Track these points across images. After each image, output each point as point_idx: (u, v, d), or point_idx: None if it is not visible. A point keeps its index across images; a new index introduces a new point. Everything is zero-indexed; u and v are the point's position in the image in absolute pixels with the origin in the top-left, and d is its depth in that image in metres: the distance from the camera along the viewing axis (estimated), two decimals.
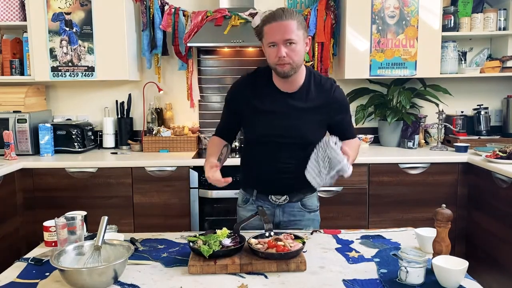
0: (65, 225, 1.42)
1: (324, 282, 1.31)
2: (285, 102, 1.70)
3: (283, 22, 1.57)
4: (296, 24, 1.58)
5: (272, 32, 1.59)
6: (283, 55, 1.57)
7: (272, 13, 1.60)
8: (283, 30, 1.57)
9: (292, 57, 1.59)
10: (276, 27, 1.58)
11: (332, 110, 1.73)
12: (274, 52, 1.60)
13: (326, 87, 1.73)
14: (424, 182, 2.91)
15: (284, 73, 1.63)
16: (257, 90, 1.73)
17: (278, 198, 1.81)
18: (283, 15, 1.57)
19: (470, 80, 3.48)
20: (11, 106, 3.11)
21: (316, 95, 1.72)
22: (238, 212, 1.93)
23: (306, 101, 1.70)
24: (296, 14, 1.60)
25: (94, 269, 1.25)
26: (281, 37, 1.57)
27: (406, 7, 3.07)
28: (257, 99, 1.72)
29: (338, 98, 1.75)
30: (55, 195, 2.86)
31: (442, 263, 1.27)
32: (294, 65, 1.62)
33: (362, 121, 3.35)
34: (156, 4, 3.22)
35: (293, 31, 1.57)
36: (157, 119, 3.37)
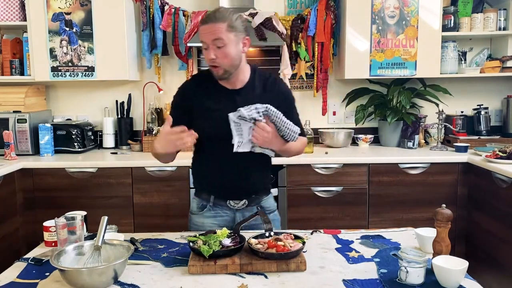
0: (65, 225, 1.42)
1: (324, 282, 1.31)
2: (232, 99, 1.69)
3: (212, 24, 1.57)
4: (226, 26, 1.58)
5: (202, 33, 1.61)
6: (211, 57, 1.60)
7: (206, 15, 1.62)
8: (211, 31, 1.58)
9: (222, 60, 1.60)
10: (205, 28, 1.59)
11: (277, 103, 1.66)
12: (205, 54, 1.62)
13: (270, 81, 1.75)
14: (424, 182, 2.91)
15: (218, 76, 1.65)
16: (204, 89, 1.73)
17: (236, 203, 1.78)
18: (213, 18, 1.58)
19: (470, 80, 3.48)
20: (11, 106, 3.11)
21: (261, 90, 1.73)
22: (192, 219, 1.86)
23: (253, 97, 1.69)
24: (229, 16, 1.60)
25: (94, 269, 1.25)
26: (209, 39, 1.59)
27: (406, 7, 3.08)
28: (205, 98, 1.72)
29: (282, 90, 1.77)
30: (55, 195, 2.86)
31: (442, 263, 1.27)
32: (226, 67, 1.62)
33: (362, 121, 3.35)
34: (156, 4, 3.22)
35: (222, 33, 1.57)
36: (157, 119, 3.37)
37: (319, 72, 3.34)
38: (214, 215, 1.81)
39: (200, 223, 1.82)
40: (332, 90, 3.49)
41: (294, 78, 3.41)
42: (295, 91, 3.48)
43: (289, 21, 3.27)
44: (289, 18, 3.27)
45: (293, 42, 3.27)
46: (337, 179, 2.91)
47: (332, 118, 3.53)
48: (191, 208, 1.88)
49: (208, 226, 1.78)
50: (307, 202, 2.91)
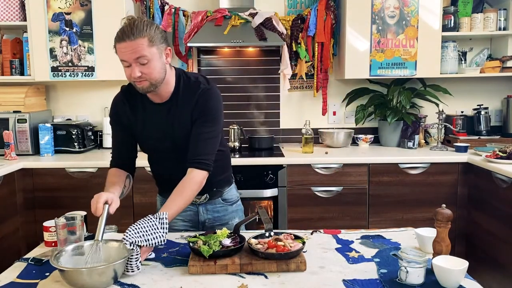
0: (65, 225, 1.42)
1: (324, 282, 1.30)
2: (158, 112, 1.66)
3: (132, 42, 1.46)
4: (147, 41, 1.48)
5: (121, 52, 1.50)
6: (136, 75, 1.50)
7: (122, 30, 1.49)
8: (131, 50, 1.47)
9: (149, 75, 1.52)
10: (124, 47, 1.48)
11: (192, 111, 1.63)
12: (128, 71, 1.52)
13: (193, 88, 1.65)
14: (424, 182, 2.91)
15: (143, 90, 1.57)
16: (131, 104, 1.69)
17: (198, 198, 1.79)
18: (130, 34, 1.46)
19: (470, 80, 3.48)
20: (11, 106, 3.11)
21: (184, 99, 1.65)
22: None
23: (177, 107, 1.64)
24: (147, 29, 1.49)
25: (94, 269, 1.25)
26: (131, 57, 1.49)
27: (406, 7, 3.08)
28: (133, 114, 1.69)
29: (200, 99, 1.62)
30: (55, 195, 2.86)
31: (442, 263, 1.27)
32: (153, 81, 1.54)
33: (362, 121, 3.35)
34: (156, 4, 3.22)
35: (143, 50, 1.48)
36: None
37: (319, 72, 3.34)
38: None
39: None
40: (332, 90, 3.49)
41: (294, 78, 3.41)
42: (295, 91, 3.49)
43: (289, 21, 3.27)
44: (289, 18, 3.27)
45: (293, 42, 3.27)
46: (337, 179, 2.91)
47: (332, 118, 3.53)
48: (157, 206, 1.91)
49: (172, 222, 1.74)
50: (307, 202, 2.91)
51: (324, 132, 3.33)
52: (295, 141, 3.49)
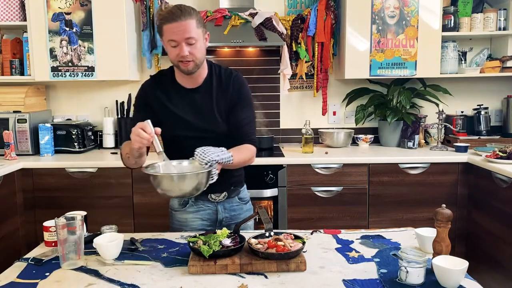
0: (65, 225, 1.42)
1: (324, 282, 1.31)
2: (191, 98, 1.73)
3: (182, 21, 1.56)
4: (195, 22, 1.59)
5: (171, 32, 1.58)
6: (185, 54, 1.59)
7: (170, 12, 1.58)
8: (183, 29, 1.57)
9: (195, 55, 1.61)
10: (176, 26, 1.57)
11: (229, 98, 1.73)
12: (175, 51, 1.61)
13: (225, 76, 1.76)
14: (424, 182, 2.91)
15: (188, 71, 1.65)
16: (163, 90, 1.74)
17: (217, 196, 1.82)
18: (181, 15, 1.57)
19: (470, 80, 3.48)
20: (11, 106, 3.11)
21: (217, 86, 1.74)
22: (174, 216, 1.87)
23: (211, 93, 1.73)
24: (194, 12, 1.61)
25: (188, 174, 1.44)
26: (182, 37, 1.58)
27: (406, 7, 3.08)
28: (166, 98, 1.73)
29: (235, 85, 1.74)
30: (55, 195, 2.86)
31: (442, 263, 1.27)
32: (197, 61, 1.64)
33: (362, 121, 3.35)
34: (156, 4, 3.22)
35: (193, 30, 1.58)
36: None
37: (319, 72, 3.34)
38: (197, 210, 1.83)
39: (184, 219, 1.84)
40: (332, 90, 3.49)
41: (294, 78, 3.41)
42: (295, 91, 3.49)
43: (289, 21, 3.27)
44: (289, 18, 3.27)
45: (293, 42, 3.27)
46: (337, 179, 2.91)
47: (332, 118, 3.53)
48: (172, 205, 1.89)
49: (191, 221, 1.82)
50: (307, 202, 2.91)
51: (324, 132, 3.33)
52: (295, 141, 3.49)
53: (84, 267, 1.43)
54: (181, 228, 1.84)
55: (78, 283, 1.32)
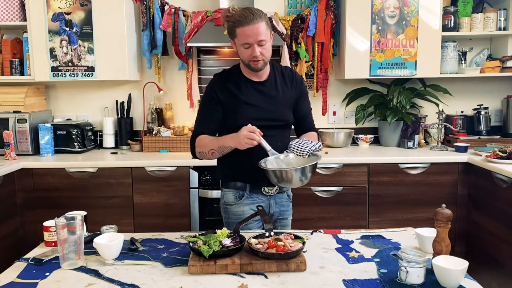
0: (65, 225, 1.42)
1: (324, 282, 1.31)
2: (260, 90, 1.85)
3: (255, 25, 1.69)
4: (265, 25, 1.72)
5: (245, 35, 1.71)
6: (257, 54, 1.72)
7: (243, 16, 1.70)
8: (256, 32, 1.70)
9: (265, 54, 1.75)
10: (249, 30, 1.70)
11: (294, 91, 1.90)
12: (248, 52, 1.74)
13: (287, 72, 1.93)
14: (424, 182, 2.91)
15: (258, 69, 1.78)
16: (232, 82, 1.85)
17: (270, 189, 1.89)
18: (253, 18, 1.69)
19: (470, 80, 3.48)
20: (11, 106, 3.11)
21: (281, 81, 1.90)
22: (230, 210, 1.92)
23: (276, 86, 1.87)
24: (263, 14, 1.73)
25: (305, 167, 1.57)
26: (255, 39, 1.71)
27: (406, 7, 3.08)
28: (236, 90, 1.83)
29: (298, 80, 1.93)
30: (55, 195, 2.86)
31: (442, 263, 1.27)
32: (266, 60, 1.78)
33: (362, 121, 3.35)
34: (156, 4, 3.22)
35: (265, 32, 1.72)
36: (157, 119, 3.37)
37: (319, 72, 3.34)
38: (252, 202, 1.89)
39: (241, 212, 1.90)
40: (332, 90, 3.49)
41: None
42: None
43: (289, 21, 3.27)
44: (289, 18, 3.27)
45: (293, 42, 3.27)
46: (337, 179, 2.91)
47: (332, 118, 3.53)
48: (227, 200, 1.94)
49: (248, 213, 1.88)
50: (307, 202, 2.91)
51: (324, 132, 3.33)
52: None
53: (84, 267, 1.43)
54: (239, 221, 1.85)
55: (78, 283, 1.32)
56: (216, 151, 1.78)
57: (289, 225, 2.01)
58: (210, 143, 1.80)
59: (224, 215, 1.97)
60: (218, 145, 1.77)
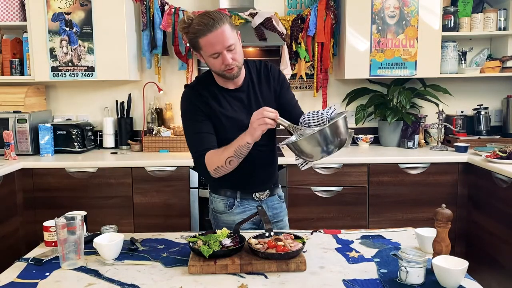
0: (65, 225, 1.42)
1: (324, 282, 1.30)
2: (239, 98, 1.71)
3: (218, 30, 1.51)
4: (229, 26, 1.54)
5: (211, 44, 1.53)
6: (230, 62, 1.56)
7: (202, 23, 1.52)
8: (221, 39, 1.52)
9: (237, 59, 1.59)
10: (213, 37, 1.52)
11: (273, 87, 1.76)
12: (218, 61, 1.57)
13: (263, 69, 1.77)
14: (424, 182, 2.91)
15: (234, 77, 1.63)
16: (209, 93, 1.69)
17: (261, 194, 1.83)
18: (214, 23, 1.51)
19: (470, 80, 3.48)
20: (11, 106, 3.11)
21: (258, 80, 1.75)
22: (220, 219, 1.83)
23: (254, 89, 1.73)
24: (223, 15, 1.55)
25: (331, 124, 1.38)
26: (223, 46, 1.54)
27: (406, 7, 3.08)
28: (214, 102, 1.68)
29: (275, 74, 1.78)
30: (55, 195, 2.86)
31: (442, 263, 1.27)
32: (240, 64, 1.63)
33: (362, 121, 3.35)
34: (156, 4, 3.22)
35: (231, 36, 1.54)
36: (157, 119, 3.37)
37: (319, 72, 3.34)
38: (243, 210, 1.81)
39: (231, 221, 1.79)
40: (332, 90, 3.49)
41: (294, 78, 3.41)
42: (295, 91, 3.48)
43: (289, 21, 3.27)
44: (289, 18, 3.27)
45: (293, 42, 3.27)
46: (337, 179, 2.91)
47: None
48: (216, 208, 1.84)
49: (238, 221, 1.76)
50: (307, 202, 2.91)
51: None
52: None
53: (84, 267, 1.43)
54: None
55: (78, 283, 1.32)
56: (234, 157, 1.56)
57: (287, 225, 1.96)
58: (223, 153, 1.58)
59: (213, 221, 1.88)
60: (234, 149, 1.55)
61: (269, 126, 1.48)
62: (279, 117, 1.48)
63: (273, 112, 1.47)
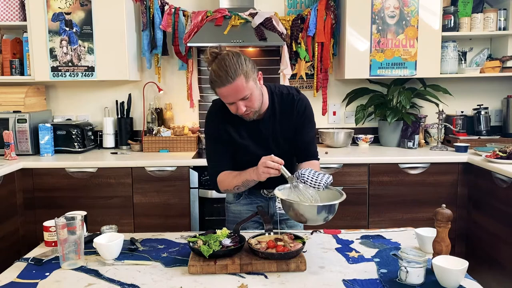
0: (65, 225, 1.42)
1: (324, 282, 1.31)
2: (256, 128, 1.75)
3: (231, 85, 1.53)
4: (244, 78, 1.54)
5: (224, 96, 1.59)
6: (243, 111, 1.60)
7: (218, 75, 1.54)
8: (233, 92, 1.55)
9: (252, 106, 1.62)
10: (227, 91, 1.55)
11: (294, 120, 1.76)
12: (233, 108, 1.62)
13: (288, 101, 1.77)
14: (424, 182, 2.91)
15: (250, 119, 1.68)
16: (229, 122, 1.75)
17: (269, 191, 1.88)
18: (227, 78, 1.52)
19: (470, 80, 3.48)
20: (11, 106, 3.11)
21: (281, 113, 1.76)
22: (229, 208, 1.96)
23: (274, 122, 1.76)
24: (239, 66, 1.53)
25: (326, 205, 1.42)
26: (235, 98, 1.57)
27: (406, 7, 3.08)
28: (233, 131, 1.76)
29: (300, 110, 1.77)
30: (55, 195, 2.86)
31: (442, 263, 1.27)
32: (257, 109, 1.65)
33: (362, 121, 3.35)
34: (156, 4, 3.22)
35: (244, 88, 1.55)
36: (157, 119, 3.37)
37: (319, 72, 3.34)
38: (250, 202, 1.90)
39: (238, 211, 1.92)
40: (332, 90, 3.49)
41: (294, 78, 3.41)
42: None
43: (289, 21, 3.27)
44: (289, 18, 3.27)
45: (293, 42, 3.27)
46: (337, 179, 2.90)
47: (332, 118, 3.53)
48: (227, 198, 1.97)
49: (245, 213, 1.88)
50: None
51: (324, 132, 3.33)
52: None
53: (84, 267, 1.43)
54: (236, 220, 1.87)
55: (78, 283, 1.32)
56: (241, 186, 1.71)
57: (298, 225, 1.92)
58: (233, 179, 1.71)
59: (225, 212, 2.00)
60: (242, 181, 1.67)
61: (272, 175, 1.54)
62: (283, 167, 1.52)
63: (278, 163, 1.52)
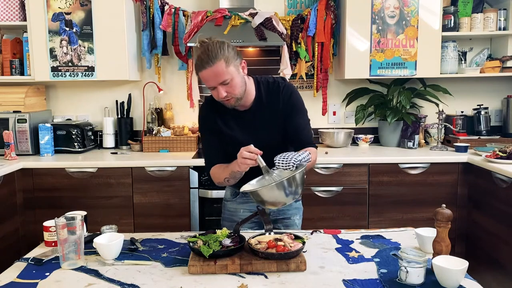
0: (65, 225, 1.42)
1: (324, 282, 1.31)
2: (244, 119, 1.78)
3: (212, 67, 1.57)
4: (224, 62, 1.58)
5: (206, 79, 1.61)
6: (223, 95, 1.62)
7: (199, 59, 1.59)
8: (213, 76, 1.59)
9: (233, 92, 1.64)
10: (207, 74, 1.59)
11: (282, 108, 1.77)
12: (215, 93, 1.65)
13: (274, 90, 1.78)
14: (424, 182, 2.91)
15: (231, 106, 1.70)
16: (220, 115, 1.79)
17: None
18: (208, 61, 1.56)
19: (470, 80, 3.48)
20: (11, 106, 3.11)
21: (267, 102, 1.77)
22: (226, 206, 1.99)
23: (262, 111, 1.77)
24: (221, 51, 1.58)
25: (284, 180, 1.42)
26: (215, 82, 1.60)
27: (406, 7, 3.08)
28: (222, 123, 1.79)
29: (286, 95, 1.78)
30: (55, 195, 2.86)
31: (442, 263, 1.27)
32: (238, 96, 1.66)
33: (362, 121, 3.35)
34: (156, 4, 3.22)
35: (224, 72, 1.58)
36: (157, 119, 3.37)
37: (319, 72, 3.34)
38: (245, 201, 1.92)
39: (234, 209, 1.95)
40: (332, 90, 3.49)
41: (294, 78, 3.41)
42: None
43: (289, 21, 3.26)
44: (289, 18, 3.27)
45: (293, 42, 3.27)
46: (337, 179, 2.91)
47: (332, 118, 3.53)
48: (225, 195, 2.01)
49: (241, 212, 1.92)
50: (307, 202, 2.89)
51: (324, 132, 3.33)
52: None
53: (84, 267, 1.43)
54: (231, 218, 1.93)
55: (78, 283, 1.32)
56: (231, 178, 1.72)
57: (295, 224, 1.95)
58: (222, 172, 1.74)
59: (222, 209, 2.02)
60: (229, 172, 1.69)
61: (250, 165, 1.54)
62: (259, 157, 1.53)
63: (255, 153, 1.52)
